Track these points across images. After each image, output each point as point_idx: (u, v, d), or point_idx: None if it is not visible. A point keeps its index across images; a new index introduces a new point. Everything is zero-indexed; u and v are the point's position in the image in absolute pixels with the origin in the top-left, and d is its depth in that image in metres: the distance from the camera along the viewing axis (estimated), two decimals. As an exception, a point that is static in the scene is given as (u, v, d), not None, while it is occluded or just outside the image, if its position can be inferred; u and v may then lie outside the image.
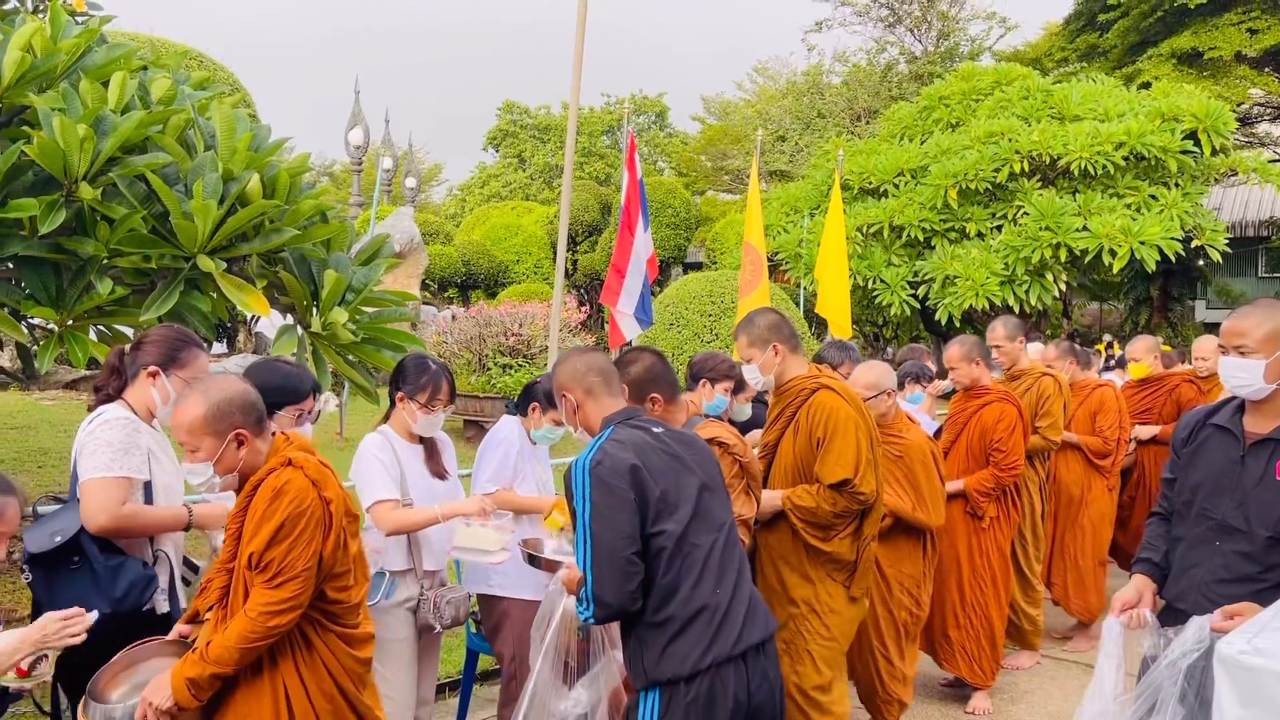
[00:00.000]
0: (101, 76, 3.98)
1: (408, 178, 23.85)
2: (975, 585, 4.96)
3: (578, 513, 2.58)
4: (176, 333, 3.16)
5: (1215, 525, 2.78)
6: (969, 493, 4.95)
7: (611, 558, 2.52)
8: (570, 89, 6.03)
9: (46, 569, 2.90)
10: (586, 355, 2.91)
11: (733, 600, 2.63)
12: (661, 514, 2.58)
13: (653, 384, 3.18)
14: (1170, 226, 13.77)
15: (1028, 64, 21.10)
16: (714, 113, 35.65)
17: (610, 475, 2.55)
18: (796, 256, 16.09)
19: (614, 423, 2.75)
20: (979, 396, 5.10)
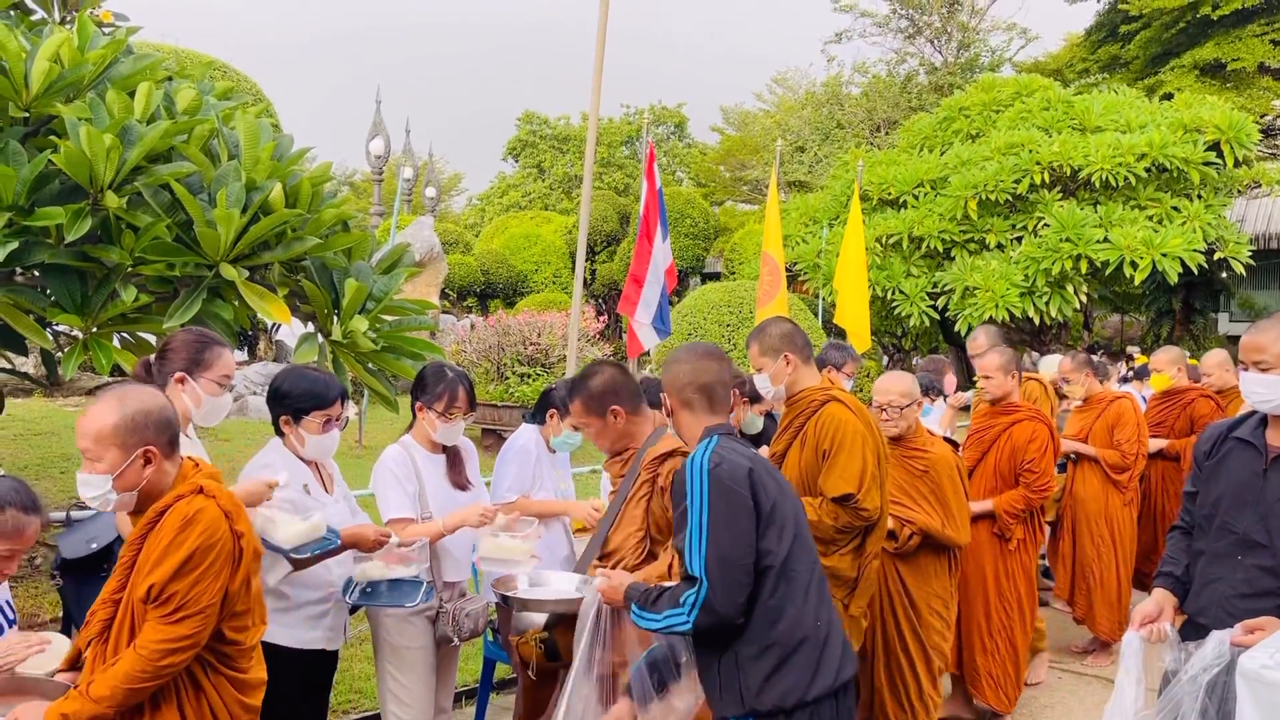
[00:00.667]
0: (128, 87, 4.04)
1: (428, 187, 23.97)
2: (1002, 609, 4.79)
3: (692, 514, 2.45)
4: (198, 335, 3.16)
5: (1237, 539, 2.76)
6: (999, 513, 4.78)
7: (728, 564, 2.39)
8: (590, 100, 6.05)
9: (78, 575, 2.93)
10: (700, 362, 2.76)
11: (830, 631, 2.53)
12: (769, 530, 2.47)
13: (614, 396, 3.12)
14: (1193, 238, 13.67)
15: (1049, 75, 21.02)
16: (733, 123, 35.68)
17: (730, 478, 2.45)
18: (815, 267, 16.06)
19: (718, 433, 2.65)
20: (1008, 413, 4.90)
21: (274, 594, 3.16)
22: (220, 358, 3.12)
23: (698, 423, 2.71)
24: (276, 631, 3.13)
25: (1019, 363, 5.28)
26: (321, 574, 3.27)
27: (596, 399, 3.13)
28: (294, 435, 3.28)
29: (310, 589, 3.25)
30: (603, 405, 3.12)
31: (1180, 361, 6.57)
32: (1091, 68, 23.64)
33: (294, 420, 3.25)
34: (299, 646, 3.22)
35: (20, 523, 2.51)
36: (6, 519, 2.49)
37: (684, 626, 2.42)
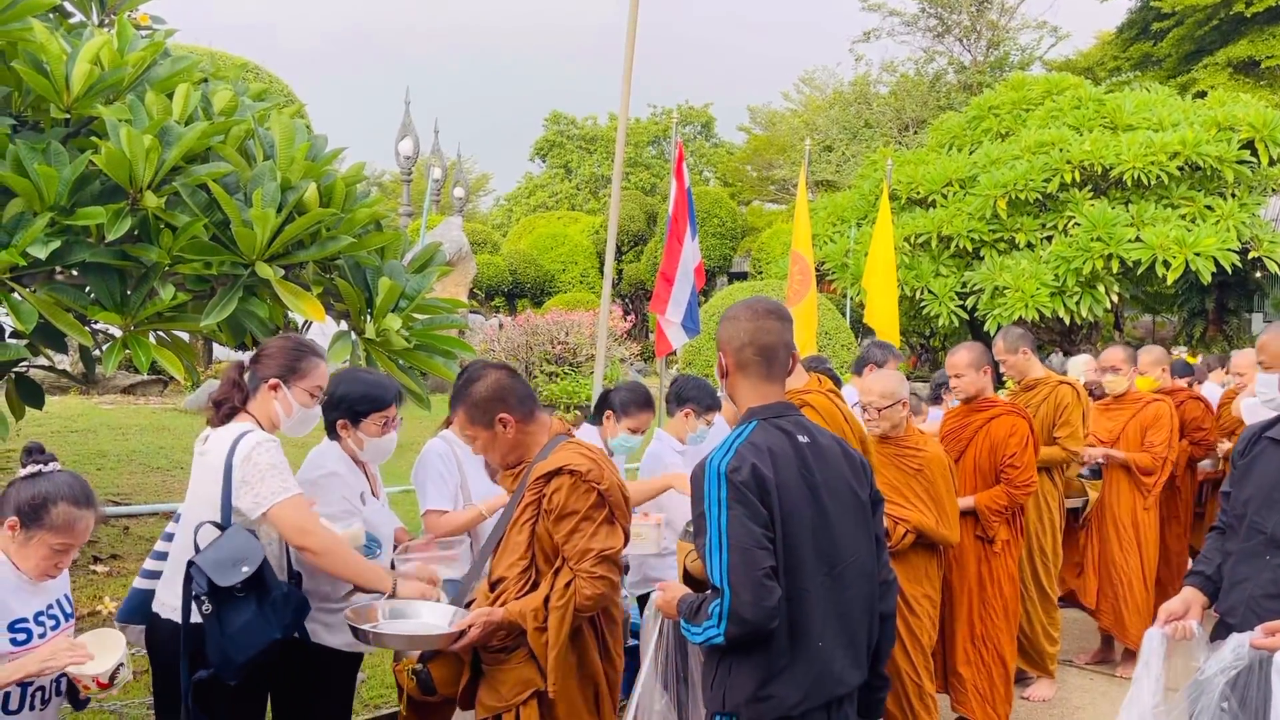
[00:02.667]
0: (166, 88, 4.10)
1: (456, 188, 24.11)
2: (987, 616, 4.62)
3: (709, 518, 2.33)
4: (295, 343, 3.11)
5: (1265, 539, 2.75)
6: (980, 511, 4.61)
7: (752, 569, 2.27)
8: (620, 100, 6.08)
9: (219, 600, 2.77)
10: (762, 320, 2.52)
11: (843, 643, 2.42)
12: (780, 539, 2.34)
13: (501, 403, 2.80)
14: (1226, 238, 13.51)
15: (1079, 73, 20.84)
16: (760, 123, 35.65)
17: (745, 484, 2.31)
18: (843, 266, 16.02)
19: (758, 418, 2.46)
20: (984, 409, 4.77)
21: (326, 595, 3.13)
22: (316, 368, 3.07)
23: (751, 392, 2.51)
24: (328, 634, 3.13)
25: (1032, 341, 5.21)
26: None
27: (481, 406, 2.81)
28: (352, 438, 3.25)
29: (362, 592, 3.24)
30: (489, 413, 2.80)
31: (1164, 362, 6.41)
32: (1123, 66, 23.41)
33: (352, 423, 3.23)
34: (347, 650, 3.19)
35: (72, 517, 2.54)
36: (59, 513, 2.52)
37: (718, 639, 2.32)
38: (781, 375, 2.54)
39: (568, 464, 2.72)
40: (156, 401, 12.89)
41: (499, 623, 2.71)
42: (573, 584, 2.67)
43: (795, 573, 2.35)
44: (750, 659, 2.35)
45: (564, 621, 2.66)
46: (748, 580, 2.27)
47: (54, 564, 2.59)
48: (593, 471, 2.72)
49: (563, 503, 2.69)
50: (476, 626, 2.70)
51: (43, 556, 2.55)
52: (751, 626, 2.28)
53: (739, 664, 2.37)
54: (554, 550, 2.72)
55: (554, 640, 2.66)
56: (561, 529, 2.70)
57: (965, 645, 4.61)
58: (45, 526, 2.53)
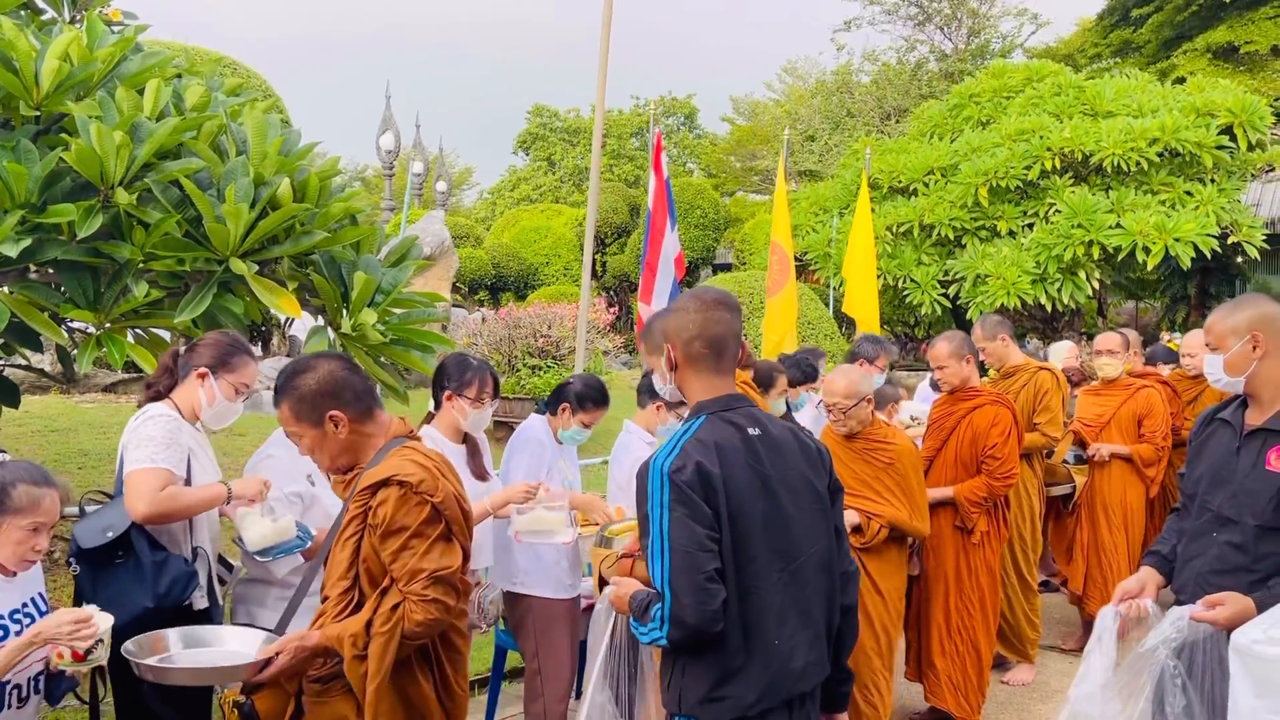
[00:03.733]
0: (137, 84, 4.08)
1: (438, 182, 24.04)
2: (963, 608, 4.58)
3: (652, 520, 2.27)
4: (231, 338, 3.26)
5: (1213, 517, 2.81)
6: (959, 502, 4.56)
7: (692, 571, 2.21)
8: (596, 92, 6.07)
9: (93, 564, 2.98)
10: (710, 311, 2.43)
11: (805, 640, 2.36)
12: (729, 536, 2.28)
13: (332, 398, 2.52)
14: (1206, 223, 13.58)
15: (1060, 60, 20.90)
16: (743, 113, 35.62)
17: (688, 484, 2.24)
18: (825, 256, 16.05)
19: (707, 413, 2.38)
20: (968, 399, 4.72)
21: (280, 584, 3.20)
22: (246, 365, 3.23)
23: (700, 385, 2.43)
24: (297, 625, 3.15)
25: (972, 346, 5.21)
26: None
27: (310, 401, 2.52)
28: None
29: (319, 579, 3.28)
30: (318, 409, 2.51)
31: (1135, 346, 6.48)
32: (1103, 52, 23.50)
33: None
34: None
35: (34, 495, 2.56)
36: (20, 494, 2.55)
37: (661, 641, 2.27)
38: (732, 367, 2.47)
39: (397, 473, 2.42)
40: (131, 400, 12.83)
41: (313, 648, 2.45)
42: (401, 607, 2.38)
43: (746, 570, 2.29)
44: (703, 660, 2.29)
45: (387, 649, 2.36)
46: (689, 584, 2.20)
47: (30, 547, 2.59)
48: (425, 482, 2.43)
49: (389, 517, 2.39)
50: (285, 653, 2.45)
51: (16, 542, 2.57)
52: (693, 630, 2.22)
53: (692, 665, 2.31)
54: (381, 570, 2.43)
55: (375, 671, 2.36)
56: (389, 546, 2.40)
57: (941, 637, 4.57)
58: (9, 510, 2.54)
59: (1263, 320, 2.78)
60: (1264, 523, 2.67)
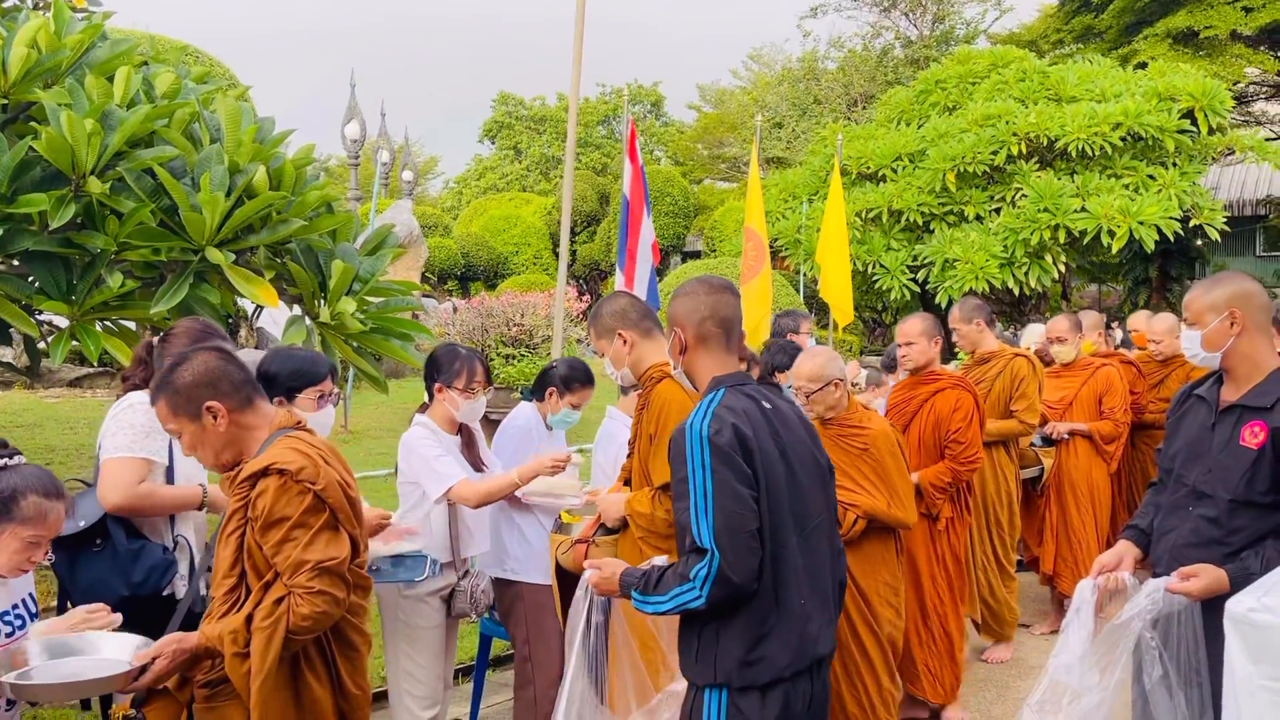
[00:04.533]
0: (106, 72, 4.01)
1: (404, 171, 23.83)
2: (935, 595, 4.51)
3: (694, 482, 2.30)
4: (203, 325, 3.20)
5: (1188, 491, 2.87)
6: (924, 488, 4.46)
7: (738, 530, 2.26)
8: (570, 81, 6.04)
9: (69, 551, 2.97)
10: (720, 294, 2.55)
11: (814, 610, 2.42)
12: (762, 500, 2.34)
13: (210, 389, 2.42)
14: (1168, 206, 13.77)
15: (1023, 46, 21.06)
16: (710, 101, 35.61)
17: (730, 446, 2.30)
18: (795, 243, 16.11)
19: (726, 385, 2.45)
20: (929, 382, 4.63)
21: None
22: None
23: (712, 364, 2.52)
24: None
25: (988, 313, 5.14)
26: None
27: (186, 394, 2.42)
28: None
29: None
30: (195, 402, 2.41)
31: (1099, 327, 6.47)
32: (1066, 38, 23.69)
33: (288, 400, 3.26)
34: None
35: (43, 509, 2.49)
36: (29, 505, 2.47)
37: (697, 602, 2.28)
38: (737, 348, 2.58)
39: (275, 462, 2.32)
40: (105, 394, 12.64)
41: (192, 650, 2.33)
42: (285, 601, 2.27)
43: (775, 533, 2.35)
44: (737, 622, 2.33)
45: (270, 645, 2.25)
46: (736, 542, 2.26)
47: (26, 558, 2.52)
48: (306, 470, 2.33)
49: (269, 507, 2.30)
50: (163, 657, 2.30)
51: (14, 551, 2.50)
52: (736, 589, 2.27)
53: (726, 629, 2.33)
54: (266, 565, 2.33)
55: (258, 668, 2.25)
56: (270, 538, 2.30)
57: (917, 625, 4.49)
58: (15, 519, 2.47)
59: (1240, 297, 2.83)
60: (1237, 497, 2.73)
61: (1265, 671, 1.66)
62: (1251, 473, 2.71)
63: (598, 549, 3.03)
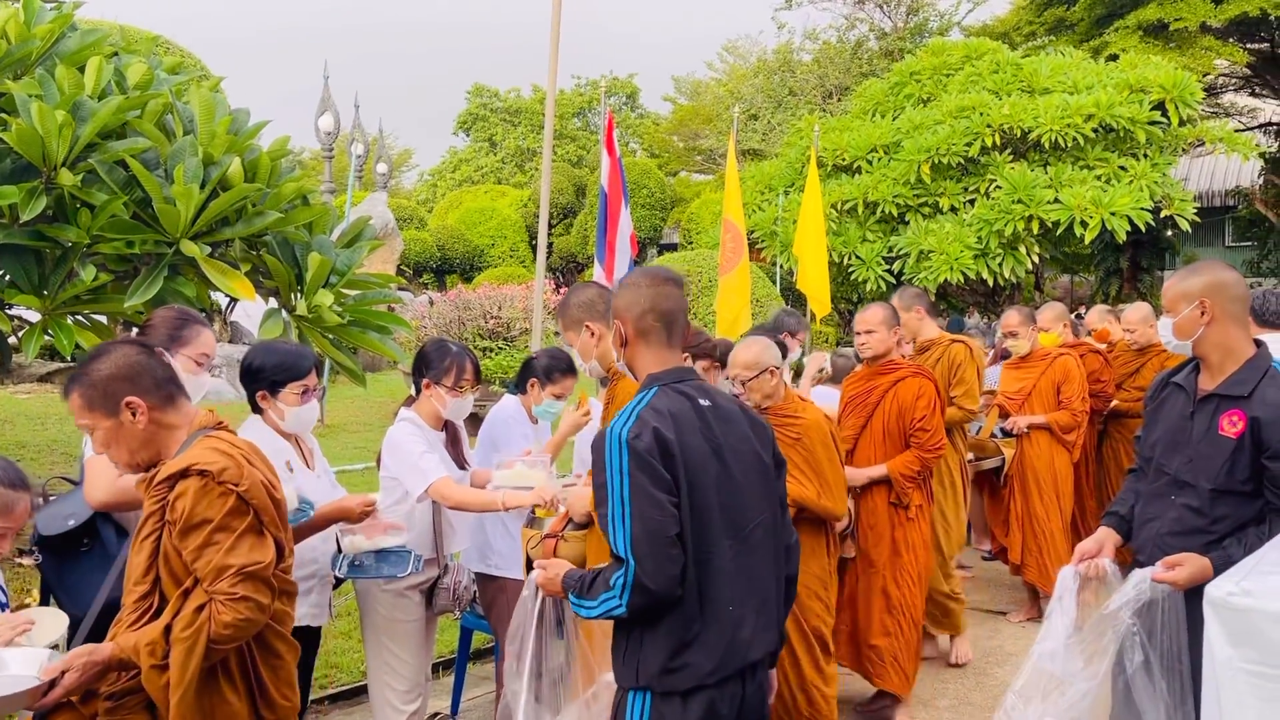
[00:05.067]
0: (77, 62, 3.96)
1: (379, 163, 23.67)
2: (903, 583, 4.46)
3: (611, 487, 2.25)
4: (178, 312, 3.16)
5: (1169, 480, 2.90)
6: (894, 478, 4.45)
7: (656, 537, 2.21)
8: (547, 74, 6.02)
9: (56, 551, 2.89)
10: (661, 287, 2.47)
11: (753, 608, 2.37)
12: (686, 503, 2.28)
13: (129, 384, 2.32)
14: (1140, 197, 13.89)
15: (996, 38, 21.15)
16: (685, 93, 35.57)
17: (648, 451, 2.24)
18: (772, 234, 16.13)
19: (660, 384, 2.39)
20: (889, 372, 4.58)
21: None
22: (200, 335, 3.11)
23: (651, 359, 2.45)
24: None
25: (928, 302, 5.09)
26: (307, 550, 3.27)
27: (103, 388, 2.30)
28: (273, 410, 3.26)
29: (297, 565, 3.24)
30: (113, 397, 2.30)
31: (1065, 318, 6.50)
32: (1038, 30, 23.82)
33: (271, 394, 3.24)
34: None
35: (8, 500, 2.47)
36: None
37: (619, 610, 2.24)
38: (679, 342, 2.50)
39: (196, 463, 2.21)
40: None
41: (104, 662, 2.21)
42: (206, 609, 2.17)
43: (702, 537, 2.29)
44: (660, 628, 2.28)
45: (191, 656, 2.14)
46: (652, 550, 2.20)
47: None
48: (229, 471, 2.23)
49: (189, 510, 2.18)
50: (73, 670, 2.17)
51: None
52: (655, 596, 2.22)
53: (649, 634, 2.29)
54: (184, 570, 2.22)
55: (177, 681, 2.14)
56: (190, 543, 2.19)
57: (882, 616, 4.45)
58: None
59: (1212, 286, 2.85)
60: (1218, 485, 2.76)
61: (1244, 655, 1.69)
62: (1231, 462, 2.74)
63: (567, 544, 2.99)
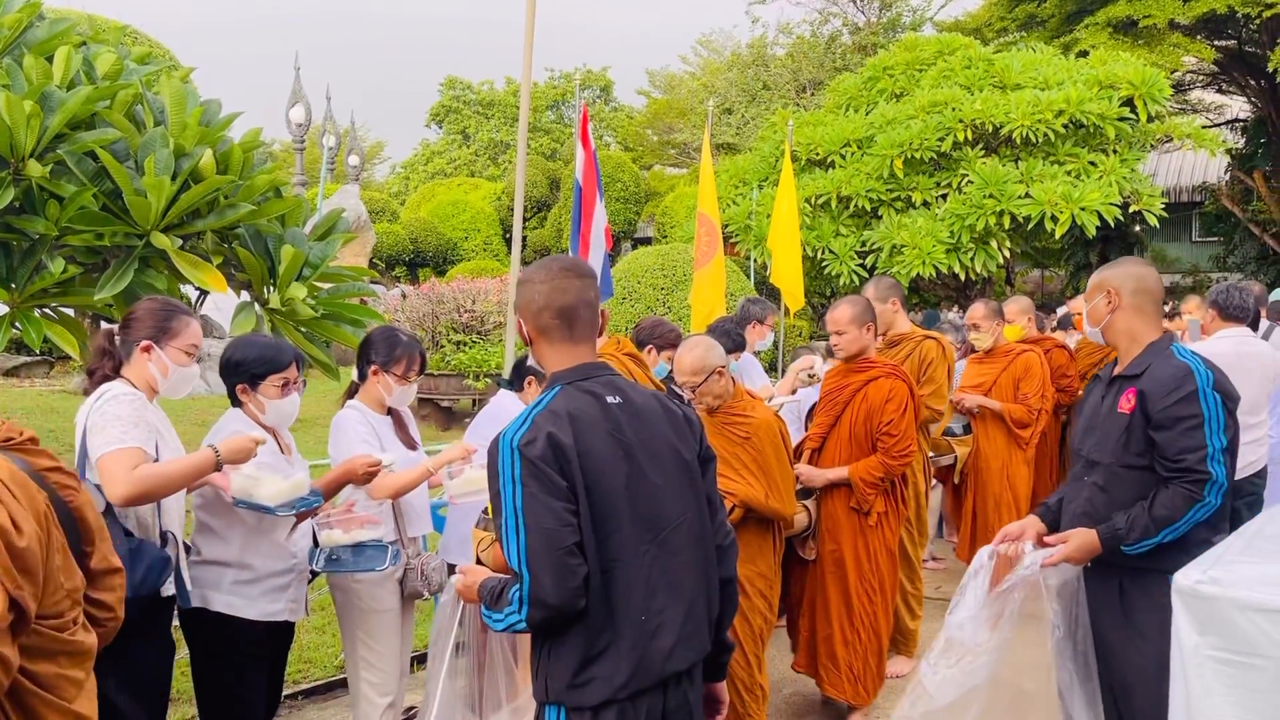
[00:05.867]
0: (45, 52, 3.91)
1: (350, 155, 23.51)
2: (864, 593, 4.29)
3: (505, 496, 2.14)
4: (162, 303, 3.10)
5: (1085, 461, 3.07)
6: (854, 483, 4.26)
7: (550, 548, 2.09)
8: (522, 63, 6.00)
9: None
10: (557, 280, 2.31)
11: (665, 622, 2.21)
12: (588, 509, 2.16)
13: None
14: (1109, 192, 14.05)
15: (968, 34, 21.29)
16: (659, 86, 35.56)
17: (541, 458, 2.13)
18: (746, 228, 16.17)
19: (562, 383, 2.28)
20: (862, 370, 4.39)
21: (237, 565, 3.14)
22: (188, 326, 3.06)
23: (555, 357, 2.33)
24: (240, 604, 3.14)
25: (903, 294, 5.03)
26: (283, 545, 3.26)
27: None
28: (253, 403, 3.24)
29: (273, 560, 3.23)
30: None
31: (1029, 311, 6.43)
32: (1010, 26, 24.00)
33: (251, 387, 3.22)
34: (263, 619, 3.21)
35: None
36: None
37: (520, 625, 2.14)
38: (588, 335, 2.34)
39: None
40: (43, 383, 12.35)
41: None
42: None
43: (608, 543, 2.17)
44: (568, 641, 2.17)
45: None
46: (547, 562, 2.09)
47: None
48: None
49: None
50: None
51: None
52: (554, 610, 2.11)
53: (556, 648, 2.18)
54: None
55: None
56: None
57: (842, 625, 4.29)
58: None
59: (1119, 277, 3.06)
60: (1116, 461, 2.91)
61: (1211, 642, 1.72)
62: (1126, 436, 2.90)
63: None
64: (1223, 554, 1.94)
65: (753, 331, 5.72)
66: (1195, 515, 2.77)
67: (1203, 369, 2.85)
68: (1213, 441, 2.77)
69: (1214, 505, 2.77)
